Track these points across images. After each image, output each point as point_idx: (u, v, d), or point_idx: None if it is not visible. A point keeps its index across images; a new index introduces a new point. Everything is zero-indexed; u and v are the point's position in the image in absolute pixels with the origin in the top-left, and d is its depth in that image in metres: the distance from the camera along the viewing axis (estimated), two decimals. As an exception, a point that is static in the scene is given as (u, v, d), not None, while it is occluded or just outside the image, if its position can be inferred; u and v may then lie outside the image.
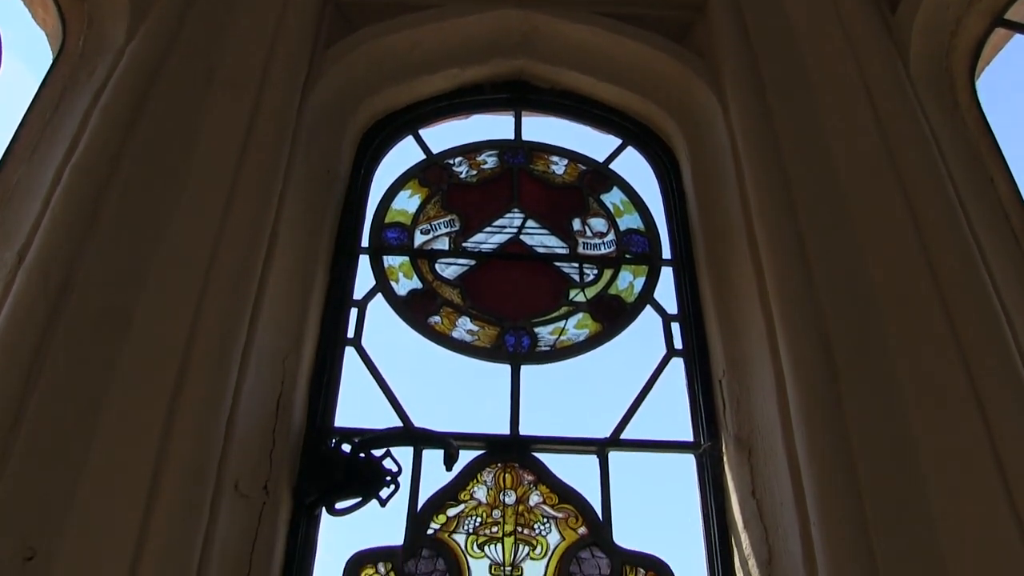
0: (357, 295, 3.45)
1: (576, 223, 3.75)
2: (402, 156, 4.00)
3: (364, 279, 3.50)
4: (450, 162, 3.95)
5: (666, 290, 3.56)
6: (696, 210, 3.70)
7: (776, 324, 2.92)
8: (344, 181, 3.76)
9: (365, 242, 3.62)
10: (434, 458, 2.96)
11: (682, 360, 3.35)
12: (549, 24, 4.14)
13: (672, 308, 3.50)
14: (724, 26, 3.87)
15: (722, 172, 3.61)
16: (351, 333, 3.33)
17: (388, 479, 2.90)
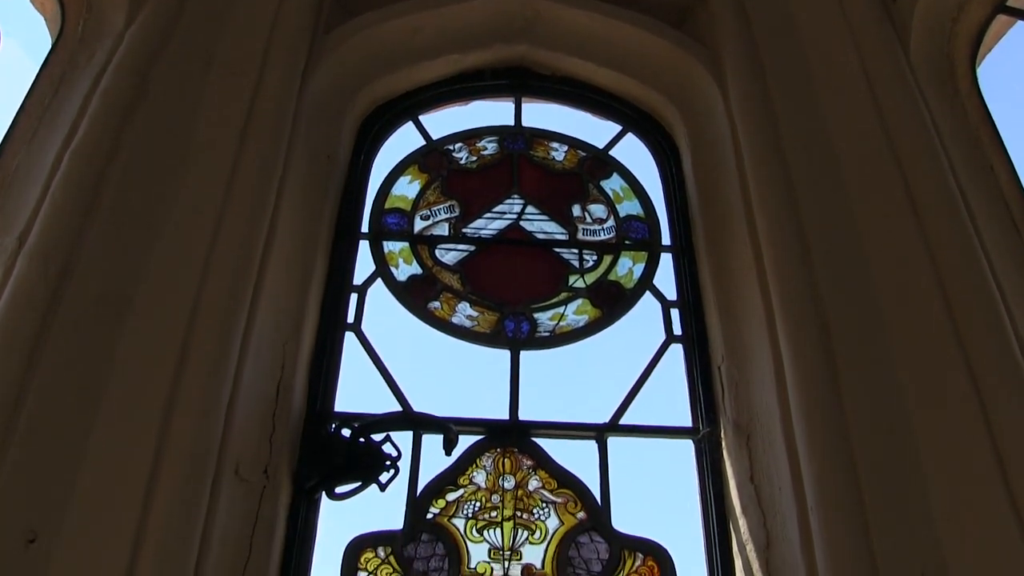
0: (357, 280, 3.45)
1: (576, 209, 3.75)
2: (402, 142, 4.02)
3: (364, 264, 3.51)
4: (450, 148, 3.95)
5: (665, 276, 3.57)
6: (696, 196, 3.71)
7: (775, 310, 2.93)
8: (344, 167, 3.76)
9: (365, 227, 3.63)
10: (433, 443, 2.97)
11: (681, 346, 3.36)
12: (550, 10, 4.14)
13: (671, 294, 3.51)
14: (724, 13, 3.87)
15: (722, 158, 3.61)
16: (351, 318, 3.33)
17: (388, 464, 2.91)
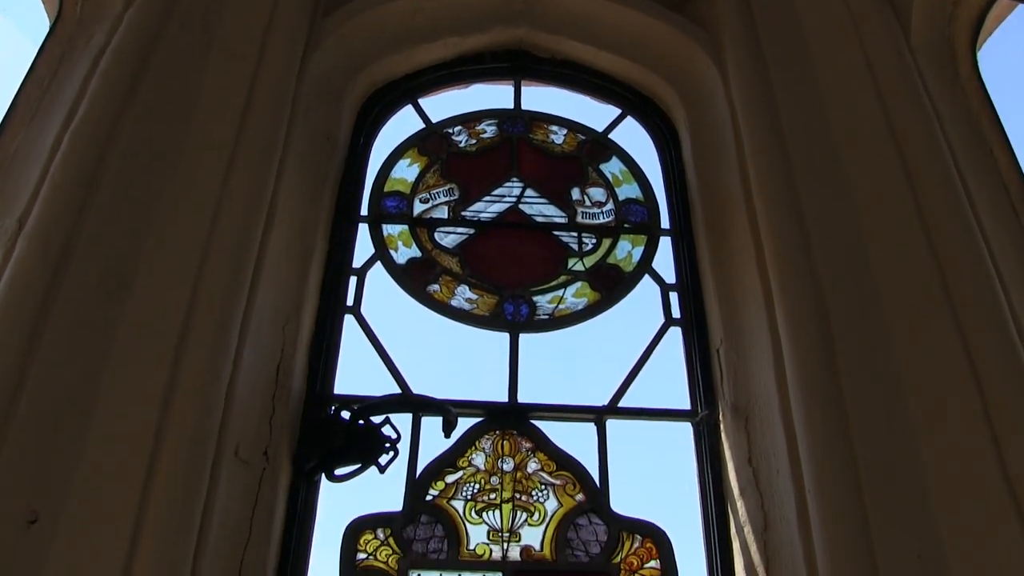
0: (356, 263, 3.46)
1: (575, 192, 3.75)
2: (402, 125, 4.01)
3: (363, 247, 3.52)
4: (449, 131, 3.94)
5: (664, 260, 3.58)
6: (695, 180, 3.70)
7: (774, 294, 2.94)
8: (343, 149, 3.75)
9: (364, 210, 3.63)
10: (433, 425, 2.98)
11: (680, 329, 3.37)
12: (550, -8, 4.13)
13: (670, 277, 3.52)
14: (725, -4, 3.86)
15: (721, 142, 3.61)
16: (350, 301, 3.34)
17: (387, 446, 2.92)
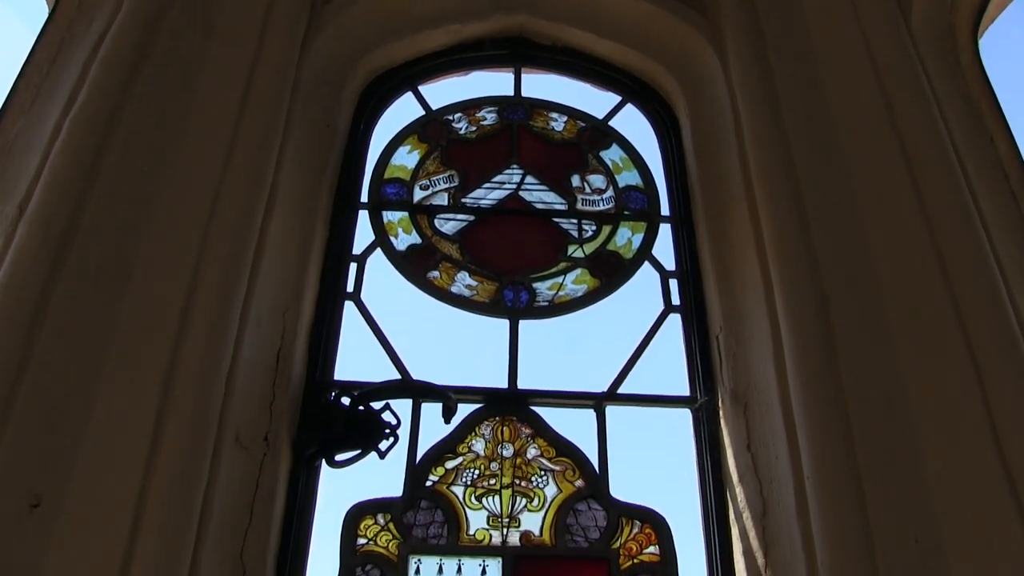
0: (356, 250, 3.46)
1: (575, 179, 3.75)
2: (402, 112, 4.00)
3: (363, 234, 3.52)
4: (449, 118, 3.94)
5: (664, 247, 3.58)
6: (695, 167, 3.70)
7: (773, 281, 2.94)
8: (344, 136, 3.75)
9: (364, 197, 3.62)
10: (433, 411, 2.99)
11: (679, 316, 3.37)
12: (550, -20, 4.12)
13: (670, 264, 3.52)
14: (726, -18, 3.85)
15: (722, 129, 3.61)
16: (350, 287, 3.34)
17: (387, 431, 2.93)
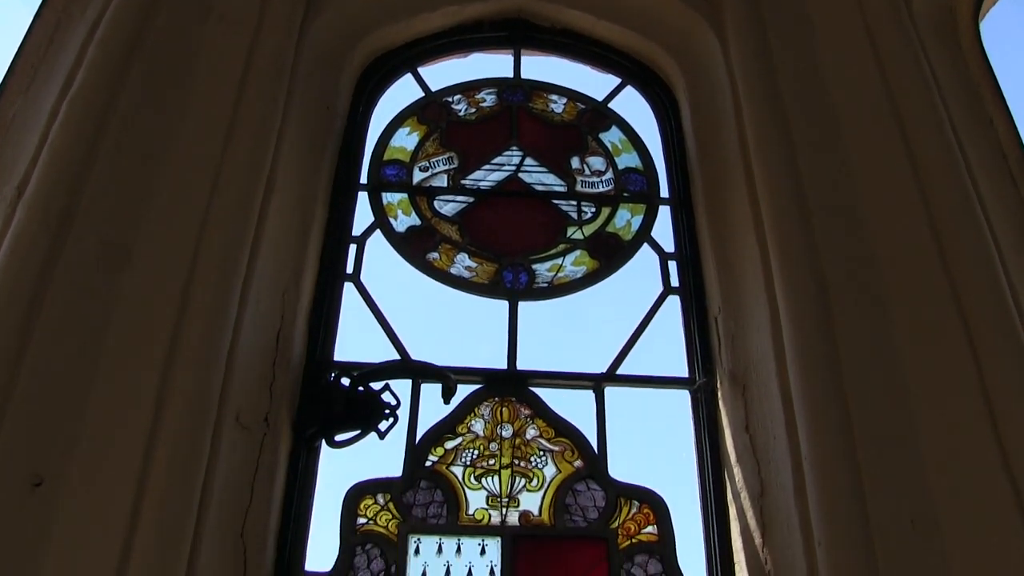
0: (356, 231, 3.46)
1: (574, 161, 3.75)
2: (401, 94, 3.99)
3: (363, 215, 3.51)
4: (449, 100, 3.93)
5: (663, 228, 3.58)
6: (694, 149, 3.70)
7: (772, 263, 2.94)
8: (343, 118, 3.74)
9: (364, 179, 3.62)
10: (432, 392, 3.00)
11: (678, 297, 3.38)
12: (550, -40, 4.11)
13: (669, 246, 3.52)
14: (725, -36, 3.83)
15: (721, 112, 3.61)
16: (350, 269, 3.34)
17: (387, 412, 2.93)
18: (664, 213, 3.63)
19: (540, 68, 4.14)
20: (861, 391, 2.59)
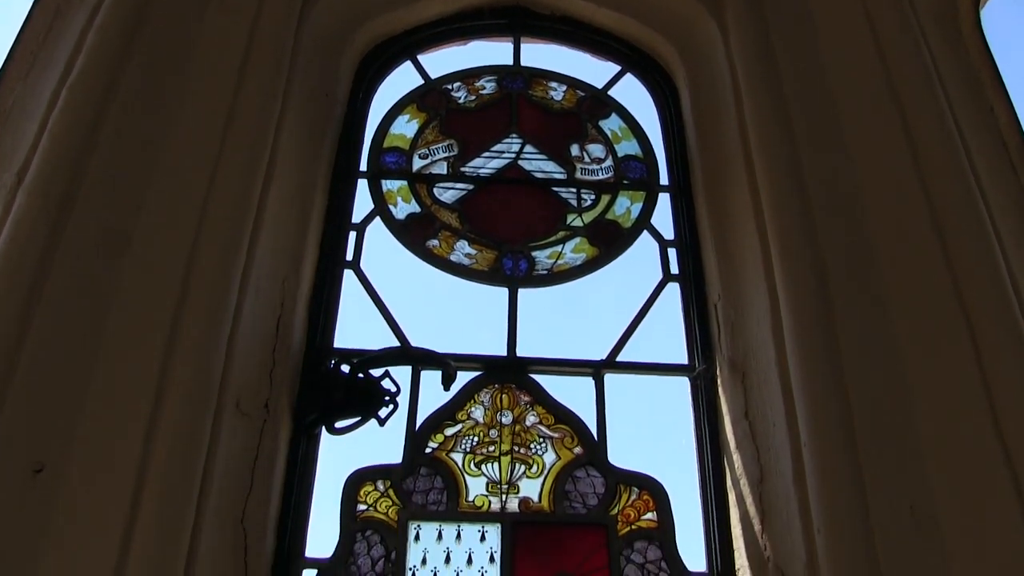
0: (356, 218, 3.46)
1: (574, 149, 3.74)
2: (401, 81, 3.98)
3: (362, 203, 3.51)
4: (449, 87, 3.92)
5: (663, 216, 3.58)
6: (694, 137, 3.70)
7: (772, 250, 2.95)
8: (343, 105, 3.74)
9: (364, 166, 3.62)
10: (432, 379, 3.00)
11: (678, 285, 3.38)
12: (549, -53, 4.10)
13: (669, 234, 3.53)
14: (726, -49, 3.82)
15: (721, 99, 3.60)
16: (350, 256, 3.34)
17: (387, 399, 2.94)
18: (664, 201, 3.63)
19: (540, 55, 4.14)
20: (860, 378, 2.59)
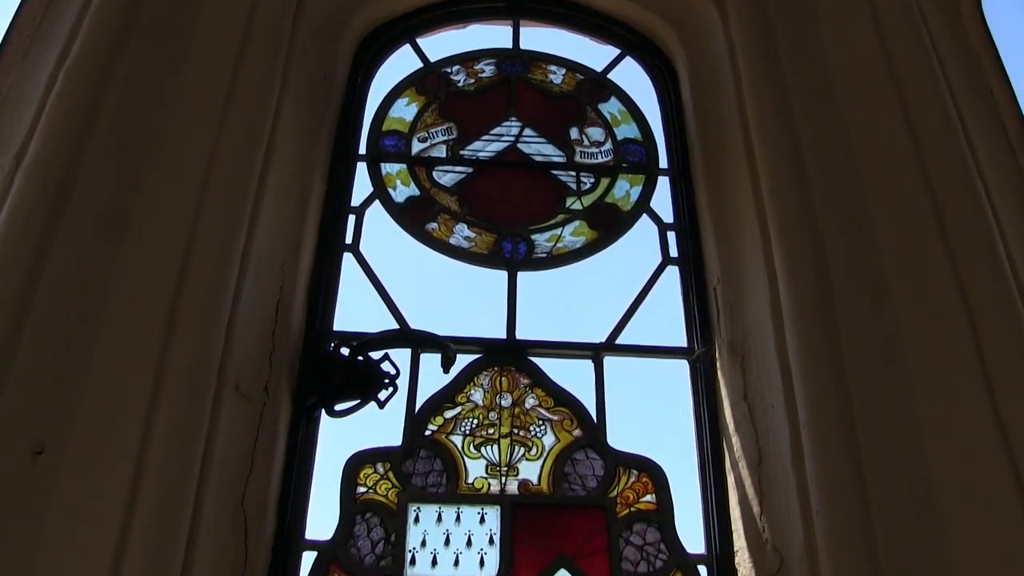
0: (355, 202, 3.46)
1: (574, 132, 3.73)
2: (400, 64, 3.97)
3: (362, 186, 3.51)
4: (448, 70, 3.91)
5: (662, 199, 3.58)
6: (693, 120, 3.69)
7: (771, 233, 2.94)
8: (341, 88, 3.73)
9: (363, 149, 3.61)
10: (432, 361, 3.00)
11: (677, 268, 3.38)
12: (548, -71, 4.08)
13: (668, 217, 3.52)
14: (725, -67, 3.80)
15: (720, 82, 3.59)
16: (349, 239, 3.34)
17: (386, 381, 2.94)
18: (663, 184, 3.63)
19: (539, 39, 4.13)
20: (859, 360, 2.60)
